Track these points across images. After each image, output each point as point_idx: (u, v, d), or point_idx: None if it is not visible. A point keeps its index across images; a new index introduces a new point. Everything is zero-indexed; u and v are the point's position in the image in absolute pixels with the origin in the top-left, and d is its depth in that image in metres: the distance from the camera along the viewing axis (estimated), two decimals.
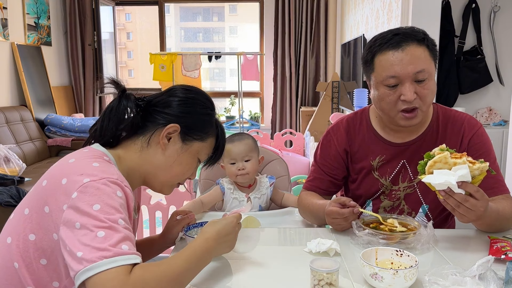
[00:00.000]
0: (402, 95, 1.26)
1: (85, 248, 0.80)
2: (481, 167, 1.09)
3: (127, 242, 0.83)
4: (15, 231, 0.95)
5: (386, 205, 1.44)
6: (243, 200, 1.73)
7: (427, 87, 1.27)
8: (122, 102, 1.06)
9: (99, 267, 0.78)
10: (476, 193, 1.09)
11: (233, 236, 1.07)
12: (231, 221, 1.07)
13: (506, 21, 3.66)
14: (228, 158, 1.72)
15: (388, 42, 1.27)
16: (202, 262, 0.97)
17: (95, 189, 0.87)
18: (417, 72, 1.24)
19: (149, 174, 1.09)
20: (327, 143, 1.50)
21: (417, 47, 1.25)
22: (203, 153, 1.13)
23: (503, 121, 3.61)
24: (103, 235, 0.81)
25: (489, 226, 1.28)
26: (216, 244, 1.01)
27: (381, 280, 0.95)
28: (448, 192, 1.08)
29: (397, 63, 1.25)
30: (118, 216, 0.85)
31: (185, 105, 1.08)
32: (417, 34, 1.28)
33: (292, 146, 4.46)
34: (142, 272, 0.81)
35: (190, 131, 1.08)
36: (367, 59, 1.33)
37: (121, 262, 0.80)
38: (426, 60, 1.26)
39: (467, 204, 1.09)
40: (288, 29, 5.46)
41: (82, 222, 0.83)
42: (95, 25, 5.54)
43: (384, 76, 1.27)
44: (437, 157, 1.09)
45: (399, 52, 1.25)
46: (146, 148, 1.06)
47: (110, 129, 1.05)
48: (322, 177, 1.50)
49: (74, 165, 0.94)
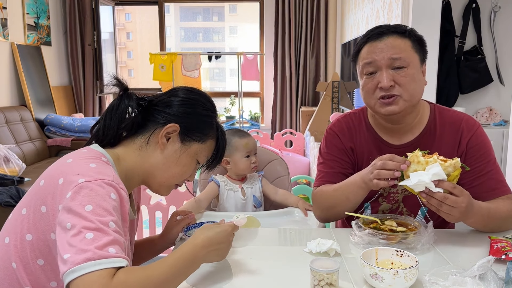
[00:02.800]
0: (380, 82, 1.28)
1: (72, 249, 0.80)
2: (453, 164, 1.11)
3: (115, 246, 0.82)
4: (13, 231, 0.94)
5: (385, 208, 1.43)
6: (238, 191, 1.78)
7: (406, 74, 1.27)
8: (123, 101, 1.06)
9: (82, 269, 0.77)
10: (453, 189, 1.11)
11: (225, 245, 1.02)
12: (226, 229, 1.02)
13: (506, 21, 3.65)
14: (243, 152, 1.77)
15: (369, 35, 1.32)
16: (189, 268, 0.94)
17: (89, 190, 0.86)
18: (393, 59, 1.26)
19: (147, 173, 1.08)
20: (332, 139, 1.46)
21: (397, 38, 1.28)
22: (202, 155, 1.12)
23: (503, 121, 3.60)
24: (92, 237, 0.81)
25: (484, 226, 1.27)
26: (205, 252, 0.96)
27: (381, 281, 0.95)
28: (428, 193, 1.10)
29: (374, 51, 1.29)
30: (109, 219, 0.84)
31: (185, 106, 1.08)
32: (400, 28, 1.31)
33: (292, 146, 4.46)
34: (125, 276, 0.80)
35: (190, 132, 1.08)
36: (355, 53, 1.37)
37: (105, 265, 0.79)
38: (405, 49, 1.27)
39: (448, 201, 1.10)
40: (288, 29, 5.45)
41: (72, 222, 0.83)
42: (95, 25, 5.53)
43: (362, 64, 1.31)
44: (409, 157, 1.14)
45: (377, 42, 1.29)
46: (145, 147, 1.06)
47: (112, 128, 1.05)
48: (333, 171, 1.43)
49: (71, 165, 0.94)
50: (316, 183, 1.48)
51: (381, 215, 1.32)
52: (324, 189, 1.41)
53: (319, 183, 1.46)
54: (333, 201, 1.37)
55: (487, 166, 1.32)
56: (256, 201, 1.80)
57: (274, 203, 1.84)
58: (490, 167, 1.32)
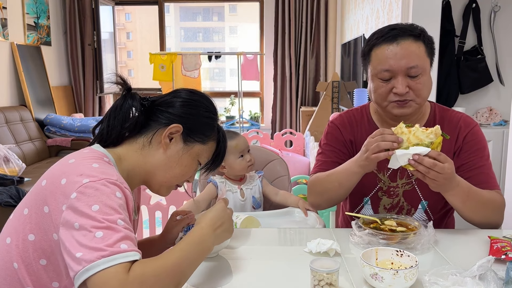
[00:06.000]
0: (395, 87, 1.30)
1: (83, 248, 0.80)
2: (434, 130, 1.16)
3: (126, 241, 0.83)
4: (15, 231, 0.94)
5: (386, 203, 1.44)
6: (237, 192, 1.77)
7: (420, 81, 1.30)
8: (127, 101, 1.06)
9: (98, 266, 0.78)
10: (438, 156, 1.14)
11: (226, 219, 1.05)
12: (220, 206, 1.06)
13: (506, 21, 3.65)
14: (236, 153, 1.76)
15: (384, 35, 1.31)
16: (201, 249, 0.96)
17: (94, 190, 0.86)
18: (410, 68, 1.28)
19: (149, 173, 1.08)
20: (332, 131, 1.50)
21: (412, 42, 1.29)
22: (203, 156, 1.13)
23: (503, 121, 3.60)
24: (101, 235, 0.81)
25: (463, 203, 1.26)
26: (212, 230, 1.00)
27: (381, 280, 0.95)
28: (417, 160, 1.14)
29: (391, 57, 1.28)
30: (117, 217, 0.85)
31: (188, 106, 1.09)
32: (414, 30, 1.31)
33: (292, 146, 4.46)
34: (141, 268, 0.81)
35: (192, 133, 1.09)
36: (364, 52, 1.37)
37: (120, 260, 0.80)
38: (420, 55, 1.29)
39: (436, 168, 1.13)
40: (288, 29, 5.46)
41: (80, 222, 0.83)
42: (94, 25, 5.54)
43: (378, 69, 1.31)
44: (393, 129, 1.20)
45: (394, 46, 1.29)
46: (148, 147, 1.07)
47: (116, 128, 1.06)
48: (331, 160, 1.46)
49: (73, 166, 0.94)
50: (313, 171, 1.51)
51: (381, 215, 1.32)
52: (319, 175, 1.45)
53: (315, 171, 1.49)
54: (326, 186, 1.40)
55: (480, 161, 1.36)
56: (255, 202, 1.80)
57: (274, 204, 1.83)
58: (482, 162, 1.36)
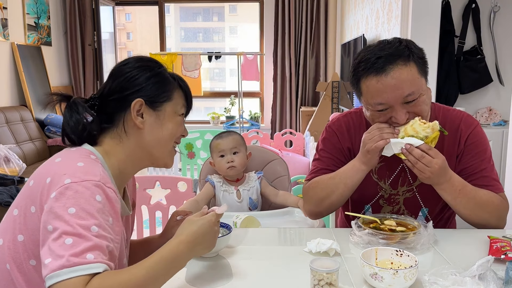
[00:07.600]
0: (393, 117, 1.24)
1: (51, 254, 0.80)
2: (431, 125, 1.20)
3: (94, 251, 0.81)
4: (6, 233, 0.94)
5: (386, 211, 1.43)
6: (233, 193, 1.77)
7: (419, 103, 1.23)
8: (73, 114, 1.03)
9: (58, 277, 0.77)
10: (429, 150, 1.20)
11: (211, 236, 1.00)
12: (209, 220, 1.00)
13: (506, 21, 3.66)
14: (217, 152, 1.78)
15: (372, 66, 1.21)
16: (173, 267, 0.91)
17: (74, 192, 0.85)
18: (406, 96, 1.20)
19: (146, 156, 1.07)
20: (330, 137, 1.46)
21: (403, 68, 1.19)
22: (178, 108, 1.10)
23: (503, 121, 3.61)
24: (71, 242, 0.80)
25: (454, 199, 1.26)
26: (189, 248, 0.94)
27: (381, 280, 0.95)
28: (408, 149, 1.20)
29: (384, 90, 1.20)
30: (92, 222, 0.83)
31: (134, 79, 1.05)
32: (401, 52, 1.20)
33: (292, 146, 4.47)
34: (99, 282, 0.78)
35: (154, 97, 1.05)
36: (353, 82, 1.29)
37: (80, 272, 0.78)
38: (414, 80, 1.20)
39: (423, 160, 1.19)
40: (288, 29, 5.46)
41: (54, 225, 0.83)
42: (95, 25, 5.54)
43: (372, 103, 1.24)
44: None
45: (384, 78, 1.19)
46: (126, 137, 1.04)
47: (78, 139, 1.03)
48: (329, 168, 1.42)
49: (59, 164, 0.94)
50: (308, 177, 1.47)
51: (381, 215, 1.33)
52: (318, 179, 1.41)
53: (312, 177, 1.45)
54: (330, 189, 1.36)
55: (482, 164, 1.34)
56: (252, 203, 1.78)
57: (273, 204, 1.83)
58: (484, 165, 1.34)
